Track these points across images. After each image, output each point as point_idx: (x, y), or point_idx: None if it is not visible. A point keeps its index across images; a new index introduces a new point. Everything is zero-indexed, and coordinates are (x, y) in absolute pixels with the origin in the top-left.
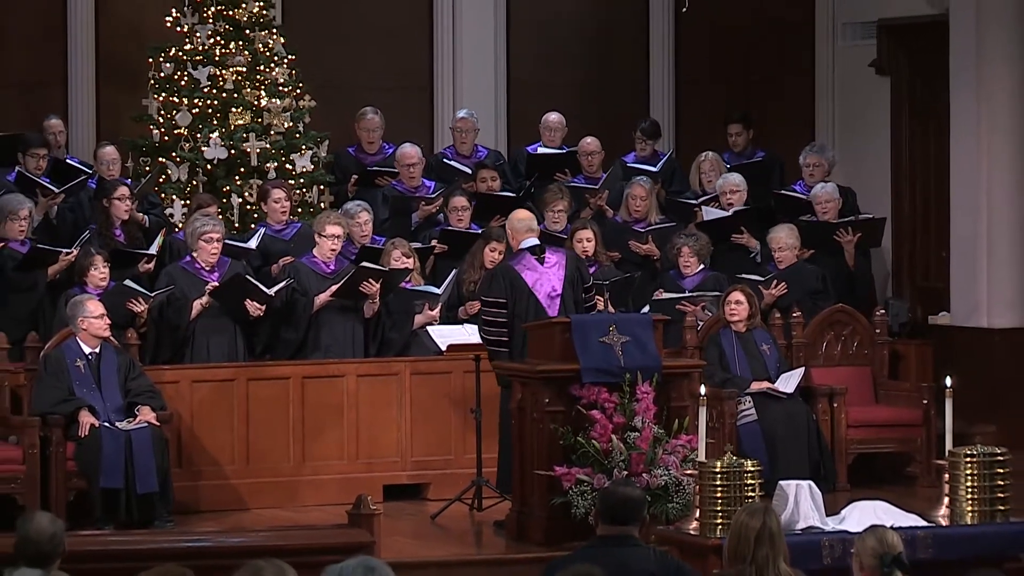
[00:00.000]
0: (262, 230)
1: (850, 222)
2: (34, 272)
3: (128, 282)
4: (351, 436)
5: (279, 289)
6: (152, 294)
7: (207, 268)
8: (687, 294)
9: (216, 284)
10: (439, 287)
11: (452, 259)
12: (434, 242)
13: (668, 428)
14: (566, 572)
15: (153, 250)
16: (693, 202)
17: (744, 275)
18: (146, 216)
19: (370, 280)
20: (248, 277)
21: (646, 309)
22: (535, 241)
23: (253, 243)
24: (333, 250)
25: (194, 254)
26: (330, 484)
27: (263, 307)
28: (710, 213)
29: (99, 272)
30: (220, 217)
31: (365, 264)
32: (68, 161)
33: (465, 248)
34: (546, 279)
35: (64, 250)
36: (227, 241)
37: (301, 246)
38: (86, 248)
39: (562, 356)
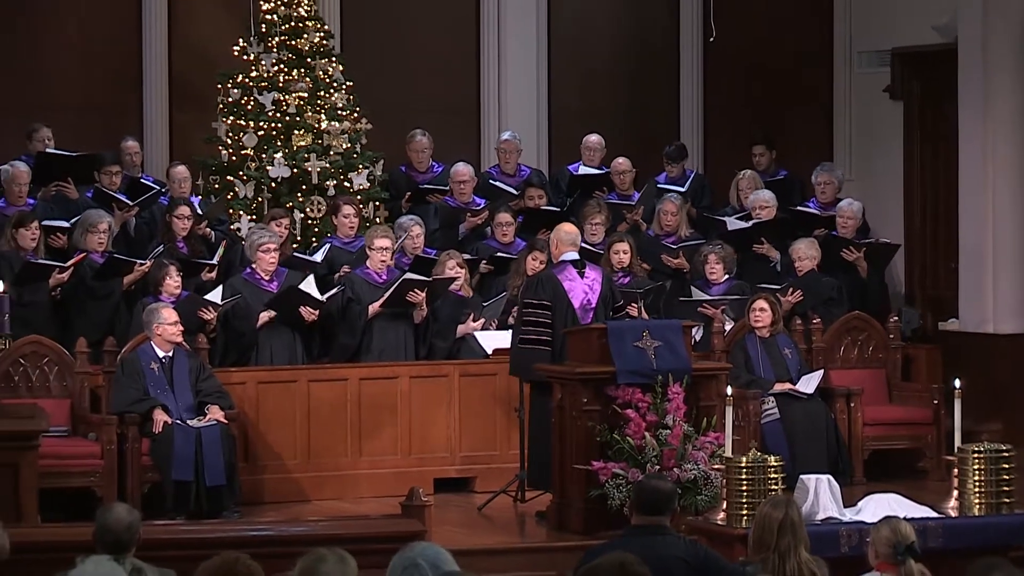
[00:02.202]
0: (328, 244)
1: (868, 243)
2: (111, 281)
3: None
4: (404, 433)
5: (330, 296)
6: (221, 303)
7: (266, 278)
8: (709, 298)
9: (273, 312)
10: (485, 300)
11: (497, 274)
12: (483, 264)
13: (697, 426)
14: (603, 558)
15: (215, 260)
16: (722, 219)
17: (763, 284)
18: (212, 232)
19: (415, 289)
20: (299, 287)
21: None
22: (575, 255)
23: (319, 256)
24: (383, 261)
25: (253, 265)
26: (385, 477)
27: (316, 312)
28: (733, 224)
29: (173, 281)
30: (286, 231)
31: (409, 275)
32: (143, 180)
33: (509, 267)
34: (583, 291)
35: (139, 261)
36: (295, 255)
37: (364, 258)
38: (160, 260)
39: (599, 359)
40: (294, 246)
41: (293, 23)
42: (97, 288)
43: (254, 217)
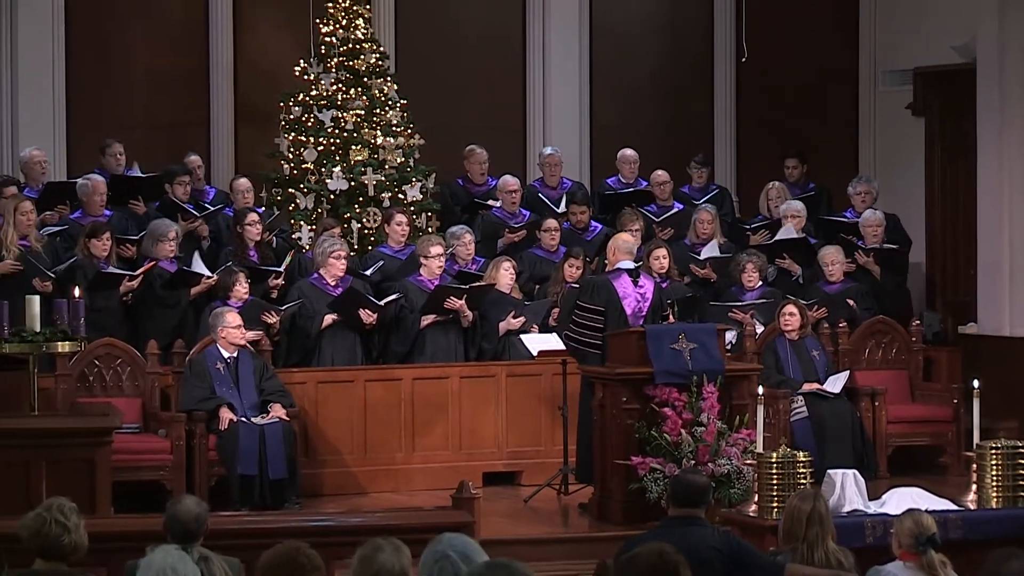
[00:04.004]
0: (381, 263)
1: (875, 249)
2: (179, 291)
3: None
4: (455, 430)
5: (388, 301)
6: (282, 308)
7: (332, 283)
8: (739, 304)
9: (334, 317)
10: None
11: (539, 282)
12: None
13: (730, 423)
14: (642, 548)
15: (282, 268)
16: (747, 226)
17: (792, 291)
18: (274, 237)
19: (452, 297)
20: (360, 290)
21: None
22: (631, 264)
23: (369, 272)
24: (440, 267)
25: (321, 271)
26: (436, 471)
27: (375, 315)
28: (755, 242)
29: (242, 287)
30: (342, 239)
31: (442, 285)
32: (205, 198)
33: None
34: (636, 299)
35: (206, 275)
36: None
37: (412, 266)
38: (229, 267)
39: (638, 361)
40: (351, 254)
41: (351, 45)
42: (166, 297)
43: (313, 227)
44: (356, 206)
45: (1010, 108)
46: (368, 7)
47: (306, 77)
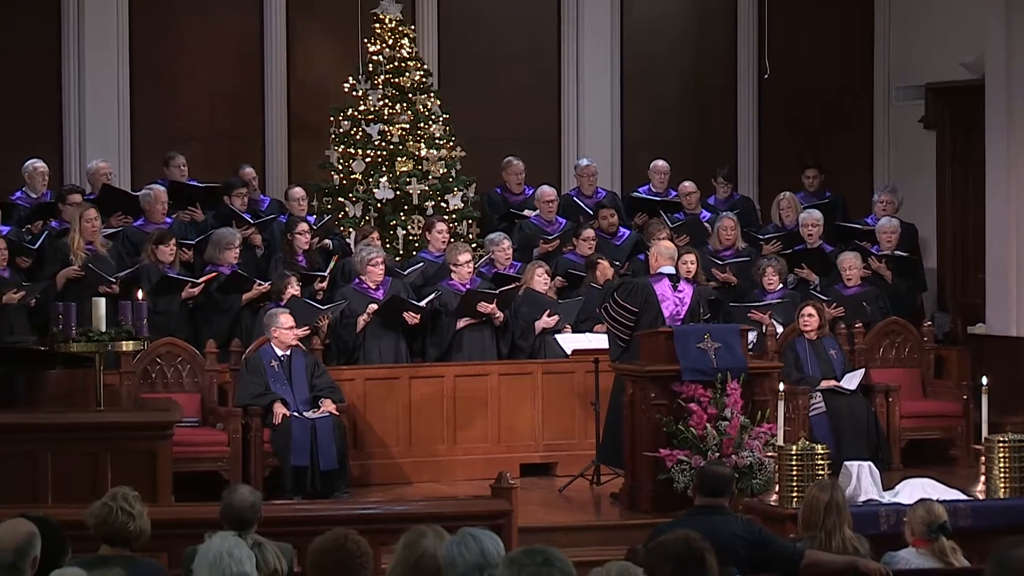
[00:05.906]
0: (421, 265)
1: (885, 255)
2: (230, 296)
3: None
4: (494, 424)
5: (428, 300)
6: (324, 308)
7: (373, 287)
8: (758, 303)
9: (376, 307)
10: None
11: (571, 288)
12: (558, 279)
13: (753, 418)
14: (669, 535)
15: (326, 272)
16: (762, 237)
17: (813, 291)
18: (329, 241)
19: (483, 302)
20: (401, 297)
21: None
22: (672, 270)
23: (407, 273)
24: (469, 272)
25: (362, 277)
26: (476, 463)
27: (418, 316)
28: (768, 251)
29: (294, 290)
30: (387, 246)
31: (472, 289)
32: (260, 212)
33: (579, 280)
34: (674, 303)
35: (259, 281)
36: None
37: (447, 271)
38: (281, 272)
39: (666, 359)
40: (397, 259)
41: (396, 63)
42: (220, 301)
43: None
44: (401, 214)
45: (1017, 122)
46: (413, 27)
47: (355, 93)
